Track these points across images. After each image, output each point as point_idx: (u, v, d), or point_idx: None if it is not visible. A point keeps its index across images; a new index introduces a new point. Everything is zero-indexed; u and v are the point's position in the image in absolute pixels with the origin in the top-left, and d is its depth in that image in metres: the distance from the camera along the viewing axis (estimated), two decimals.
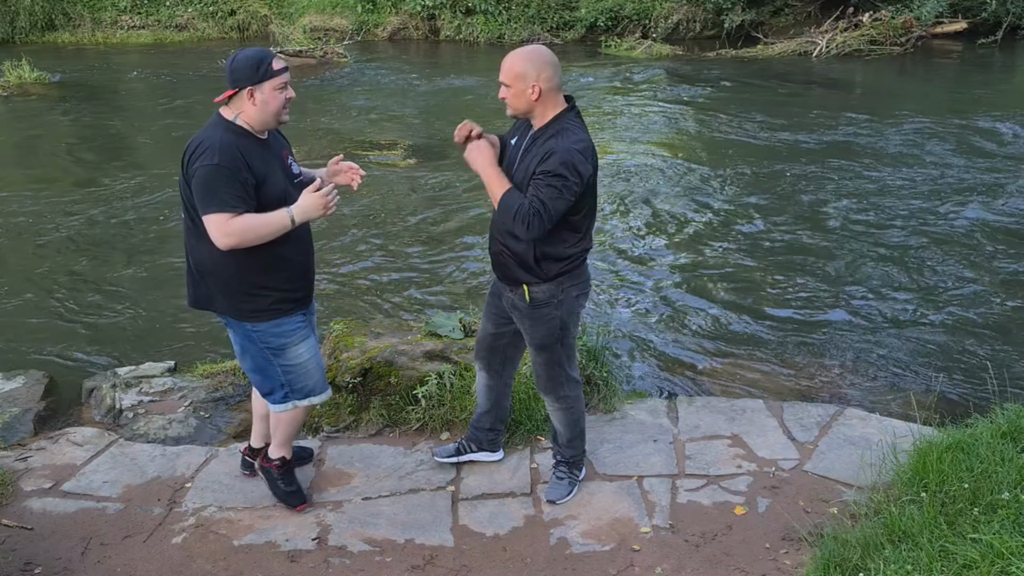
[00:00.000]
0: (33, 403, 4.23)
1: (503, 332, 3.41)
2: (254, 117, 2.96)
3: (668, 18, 17.94)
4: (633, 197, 8.11)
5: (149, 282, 6.31)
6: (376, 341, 4.21)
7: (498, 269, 3.25)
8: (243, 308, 3.07)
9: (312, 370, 3.23)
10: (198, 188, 2.86)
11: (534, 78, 2.95)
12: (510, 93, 2.99)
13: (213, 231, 2.86)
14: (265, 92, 2.92)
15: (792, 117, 11.06)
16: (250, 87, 2.91)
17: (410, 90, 13.52)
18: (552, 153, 2.92)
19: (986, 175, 8.46)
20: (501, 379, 3.55)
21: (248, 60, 2.92)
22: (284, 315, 3.11)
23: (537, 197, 2.92)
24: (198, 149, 2.89)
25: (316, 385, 3.26)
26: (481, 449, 3.70)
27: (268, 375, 3.21)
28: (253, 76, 2.90)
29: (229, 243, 2.86)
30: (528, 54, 3.00)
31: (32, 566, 3.09)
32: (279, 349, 3.14)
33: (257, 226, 2.89)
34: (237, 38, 19.21)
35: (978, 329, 5.40)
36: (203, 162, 2.85)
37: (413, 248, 6.91)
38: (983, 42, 15.80)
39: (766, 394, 4.55)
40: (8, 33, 18.66)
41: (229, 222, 2.84)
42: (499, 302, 3.35)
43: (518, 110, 3.03)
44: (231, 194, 2.85)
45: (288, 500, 3.42)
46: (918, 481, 3.20)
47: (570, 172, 2.90)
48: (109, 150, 10.37)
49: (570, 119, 3.04)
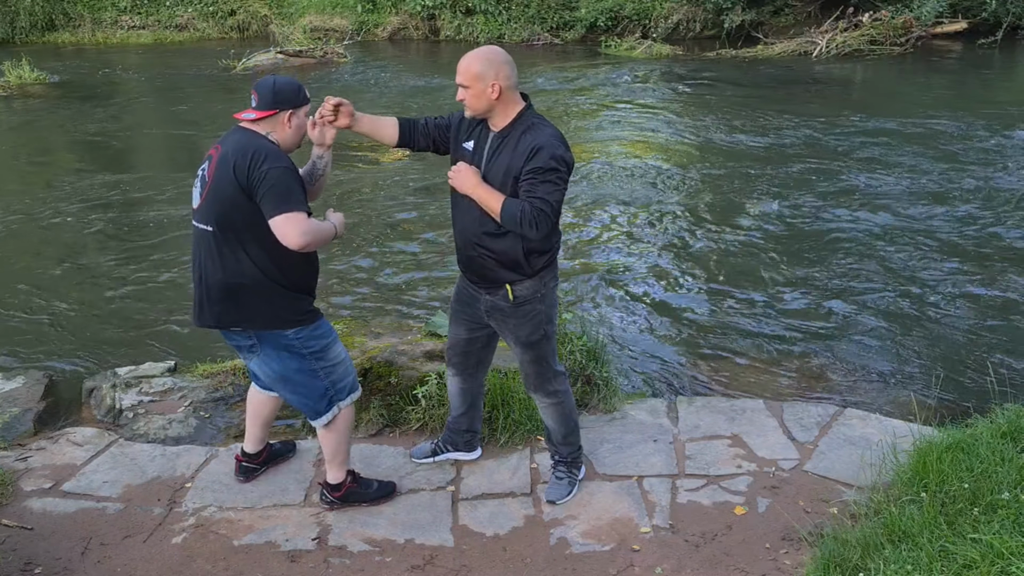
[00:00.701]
0: (33, 403, 4.23)
1: (477, 337, 3.40)
2: (285, 139, 3.04)
3: (668, 18, 17.96)
4: (632, 197, 8.11)
5: (149, 282, 6.31)
6: (376, 341, 4.22)
7: (475, 274, 3.21)
8: (286, 316, 3.06)
9: (350, 366, 3.30)
10: (274, 189, 2.86)
11: (493, 77, 2.95)
12: (469, 94, 2.98)
13: (292, 229, 2.85)
14: (300, 117, 3.06)
15: (792, 117, 11.06)
16: (291, 110, 3.02)
17: (410, 90, 13.52)
18: (538, 149, 2.92)
19: (986, 175, 8.46)
20: (476, 381, 3.56)
21: (291, 85, 3.05)
22: (319, 316, 3.19)
23: (537, 196, 2.92)
24: (257, 155, 2.89)
25: (354, 380, 3.32)
26: (458, 450, 3.72)
27: (313, 386, 3.18)
28: (295, 100, 3.03)
29: (304, 241, 2.87)
30: (485, 54, 3.01)
31: (32, 566, 3.09)
32: (321, 352, 3.16)
33: (320, 230, 2.97)
34: (237, 38, 19.24)
35: (978, 329, 5.40)
36: (273, 164, 2.89)
37: (412, 247, 6.91)
38: (983, 42, 15.81)
39: (766, 394, 4.55)
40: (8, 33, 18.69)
41: (307, 221, 2.90)
42: (470, 309, 3.33)
43: (477, 110, 3.02)
44: (303, 196, 2.95)
45: (381, 497, 3.45)
46: (918, 481, 3.20)
47: (559, 163, 2.94)
48: (109, 150, 10.38)
49: (534, 115, 3.06)
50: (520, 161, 2.96)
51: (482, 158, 3.08)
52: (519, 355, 3.32)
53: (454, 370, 3.53)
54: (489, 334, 3.39)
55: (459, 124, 3.21)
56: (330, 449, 3.33)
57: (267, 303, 3.03)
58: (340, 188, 8.46)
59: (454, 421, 3.67)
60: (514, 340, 3.26)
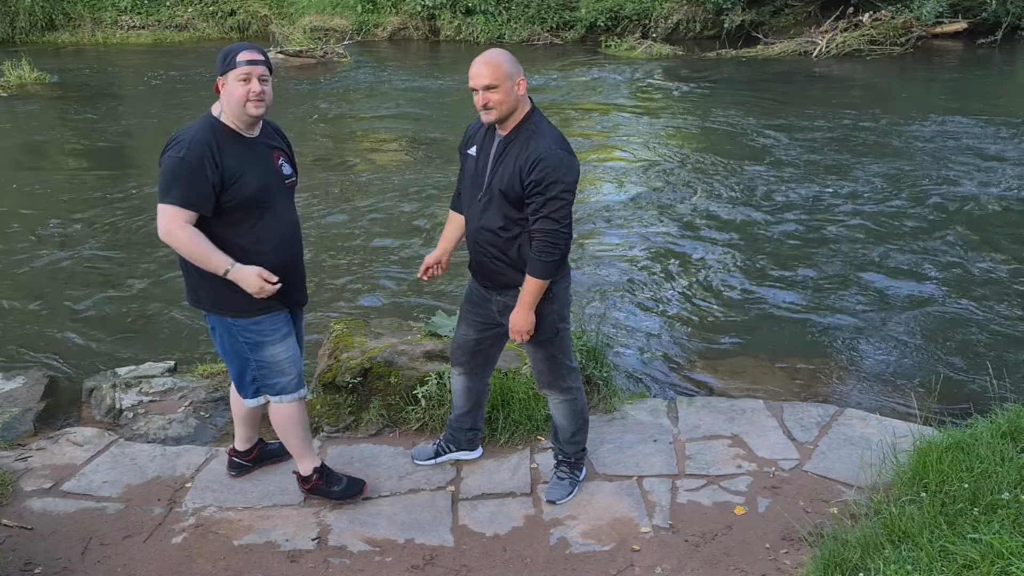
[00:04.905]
0: (33, 403, 4.22)
1: (486, 336, 3.41)
2: (227, 110, 2.99)
3: (668, 18, 17.96)
4: (631, 197, 8.12)
5: (149, 282, 6.31)
6: (376, 341, 4.21)
7: (486, 278, 3.22)
8: (223, 304, 3.08)
9: (286, 369, 3.22)
10: (161, 177, 2.92)
11: (519, 74, 2.98)
12: (498, 93, 2.95)
13: (162, 221, 2.90)
14: (229, 82, 2.94)
15: (792, 117, 11.06)
16: (220, 77, 2.97)
17: (410, 90, 13.52)
18: (539, 160, 2.92)
19: (986, 176, 8.46)
20: (482, 380, 3.56)
21: (221, 52, 2.99)
22: (263, 313, 3.11)
23: (543, 215, 2.95)
24: (172, 141, 2.96)
25: (289, 384, 3.24)
26: (461, 449, 3.71)
27: (241, 369, 3.22)
28: (220, 66, 2.96)
29: (170, 241, 2.92)
30: (504, 55, 3.02)
31: (32, 566, 3.09)
32: (256, 345, 3.15)
33: (198, 252, 2.92)
34: (237, 38, 19.22)
35: (978, 329, 5.40)
36: (171, 153, 2.91)
37: (412, 248, 6.91)
38: (983, 42, 15.82)
39: (766, 394, 4.55)
40: (8, 33, 18.68)
41: (180, 222, 2.89)
42: (481, 309, 3.34)
43: (505, 111, 2.99)
44: (188, 191, 2.88)
45: (347, 496, 3.42)
46: (918, 481, 3.20)
47: (564, 175, 2.94)
48: (108, 150, 10.38)
49: (539, 117, 3.07)
50: (525, 168, 2.95)
51: (487, 162, 3.09)
52: (531, 353, 3.32)
53: (461, 369, 3.52)
54: (498, 334, 3.39)
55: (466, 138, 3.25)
56: (288, 444, 3.37)
57: (204, 288, 3.07)
58: (340, 188, 8.46)
59: (457, 419, 3.66)
60: (527, 340, 3.26)
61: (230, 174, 2.93)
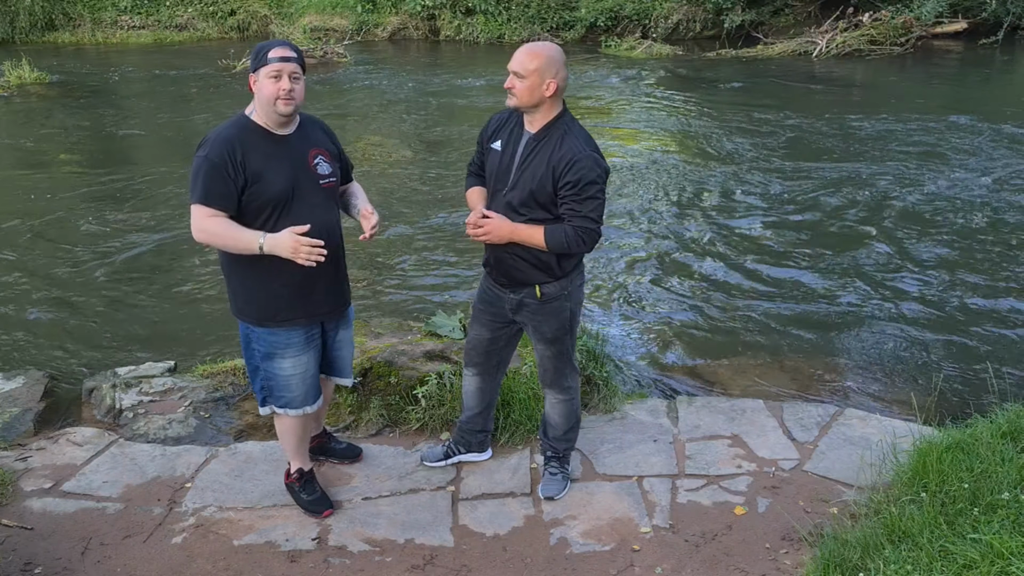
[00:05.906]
0: (33, 403, 4.23)
1: (500, 336, 3.40)
2: (259, 108, 2.96)
3: (668, 18, 17.96)
4: (632, 197, 8.12)
5: (148, 282, 6.31)
6: (376, 341, 4.21)
7: (503, 275, 3.20)
8: (246, 310, 3.11)
9: (293, 386, 3.19)
10: (191, 176, 2.93)
11: (552, 75, 2.91)
12: (523, 84, 2.91)
13: (192, 221, 2.92)
14: (260, 79, 2.91)
15: (791, 117, 11.06)
16: (251, 74, 2.95)
17: (410, 90, 13.52)
18: (575, 161, 2.91)
19: (986, 176, 8.46)
20: (495, 381, 3.55)
21: (254, 49, 2.97)
22: (279, 326, 3.09)
23: (582, 214, 2.94)
24: (203, 140, 2.95)
25: (293, 399, 3.21)
26: (470, 451, 3.70)
27: (254, 376, 3.25)
28: (253, 63, 2.94)
29: (201, 237, 2.93)
30: (549, 50, 2.96)
31: (32, 566, 3.09)
32: (266, 356, 3.15)
33: (228, 235, 2.90)
34: (237, 38, 19.22)
35: (978, 329, 5.40)
36: (198, 153, 2.92)
37: (413, 247, 6.91)
38: (983, 42, 15.81)
39: (766, 394, 4.55)
40: (8, 33, 18.67)
41: (206, 217, 2.88)
42: (494, 308, 3.32)
43: (525, 104, 2.96)
44: (212, 189, 2.87)
45: (311, 508, 3.39)
46: (918, 481, 3.20)
47: (599, 176, 2.95)
48: (108, 150, 10.37)
49: (570, 119, 3.05)
50: (559, 169, 2.93)
51: (514, 158, 3.06)
52: (541, 351, 3.32)
53: (474, 369, 3.50)
54: (511, 332, 3.39)
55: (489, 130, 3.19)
56: (283, 443, 3.41)
57: (239, 292, 3.09)
58: None
59: (468, 421, 3.65)
60: (538, 336, 3.27)
61: (253, 173, 2.90)
